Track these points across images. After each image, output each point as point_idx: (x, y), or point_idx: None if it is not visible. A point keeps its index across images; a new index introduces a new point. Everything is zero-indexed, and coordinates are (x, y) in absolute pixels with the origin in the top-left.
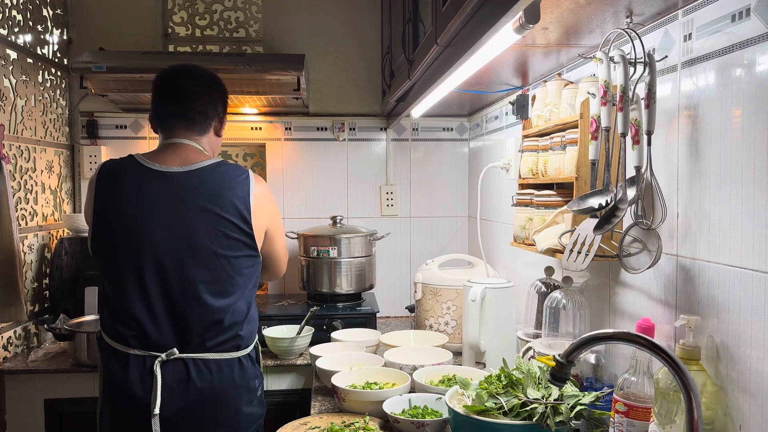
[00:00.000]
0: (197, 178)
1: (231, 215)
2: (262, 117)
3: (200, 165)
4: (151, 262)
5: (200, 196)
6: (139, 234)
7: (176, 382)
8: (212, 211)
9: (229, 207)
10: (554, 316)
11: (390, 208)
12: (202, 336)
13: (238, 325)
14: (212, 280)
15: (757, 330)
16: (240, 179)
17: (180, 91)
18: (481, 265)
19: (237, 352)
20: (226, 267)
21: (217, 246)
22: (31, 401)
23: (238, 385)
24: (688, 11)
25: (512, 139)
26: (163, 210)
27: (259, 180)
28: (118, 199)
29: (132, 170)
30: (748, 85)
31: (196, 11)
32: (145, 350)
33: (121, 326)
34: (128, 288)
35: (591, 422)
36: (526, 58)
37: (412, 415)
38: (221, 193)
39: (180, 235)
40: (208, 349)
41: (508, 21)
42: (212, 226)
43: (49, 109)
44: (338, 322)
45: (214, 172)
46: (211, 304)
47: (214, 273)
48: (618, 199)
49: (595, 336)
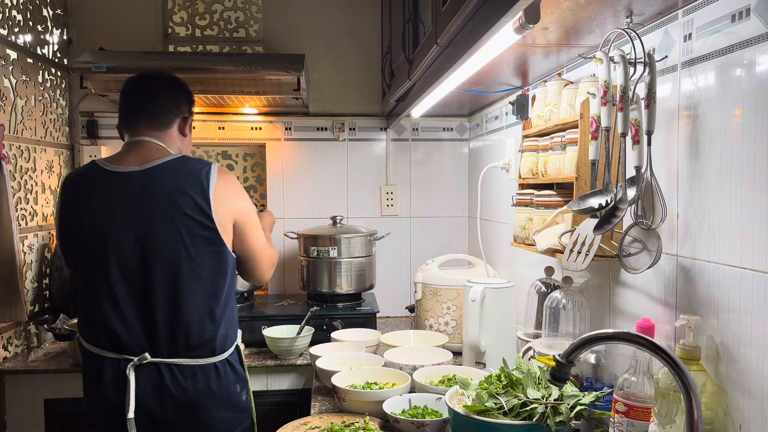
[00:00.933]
0: (155, 176)
1: (191, 211)
2: (262, 117)
3: (158, 162)
4: (117, 267)
5: (159, 194)
6: (103, 240)
7: (150, 387)
8: (172, 208)
9: (188, 203)
10: (554, 316)
11: (390, 208)
12: (172, 339)
13: (208, 327)
14: (178, 281)
15: (757, 330)
16: (201, 173)
17: (144, 89)
18: (481, 265)
19: (212, 358)
20: (192, 266)
21: (179, 245)
22: (31, 401)
23: (215, 393)
24: (688, 11)
25: (512, 139)
26: (124, 213)
27: (223, 172)
28: (81, 208)
29: (93, 176)
30: (748, 85)
31: (196, 11)
32: (118, 354)
33: (95, 331)
34: (98, 294)
35: (591, 422)
36: (526, 58)
37: (412, 415)
38: (180, 189)
39: (142, 237)
40: (181, 353)
41: (508, 21)
42: (173, 225)
43: (49, 109)
44: (338, 322)
45: (173, 168)
46: (178, 306)
47: (178, 273)
48: (618, 199)
49: (595, 336)
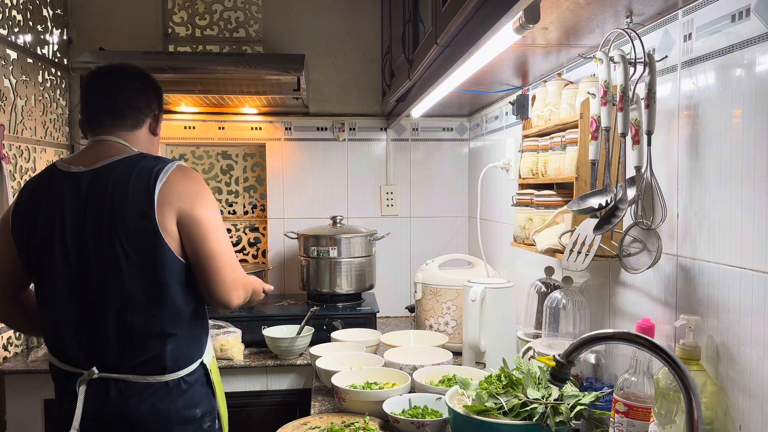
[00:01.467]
0: (102, 177)
1: (134, 213)
2: (262, 117)
3: (109, 161)
4: (64, 276)
5: (102, 196)
6: (50, 246)
7: (98, 404)
8: (115, 211)
9: (131, 204)
10: (554, 316)
11: (390, 208)
12: (120, 354)
13: (155, 342)
14: (121, 292)
15: (757, 330)
16: (153, 171)
17: (111, 86)
18: (481, 265)
19: (162, 376)
20: (135, 275)
21: (120, 252)
22: (31, 401)
23: (161, 414)
24: (688, 11)
25: (512, 139)
26: (68, 217)
27: (182, 171)
28: (32, 212)
29: (51, 178)
30: (748, 85)
31: (196, 11)
32: (72, 366)
33: (49, 341)
34: (48, 304)
35: (591, 422)
36: (526, 58)
37: (412, 415)
38: (124, 190)
39: (84, 244)
40: (128, 369)
41: (508, 21)
42: (115, 229)
43: (49, 109)
44: (338, 322)
45: (124, 167)
46: (122, 320)
47: (121, 284)
48: (618, 199)
49: (595, 336)
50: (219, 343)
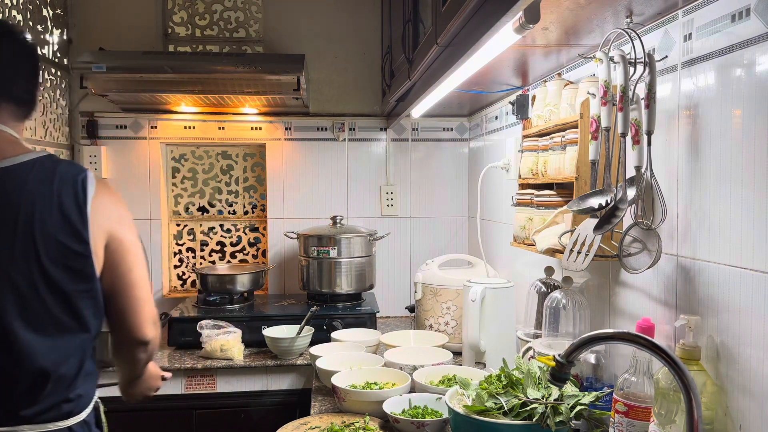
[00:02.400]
0: (14, 180)
1: (59, 231)
2: (262, 117)
3: (16, 161)
4: None
5: (16, 204)
6: None
7: None
8: (34, 225)
9: (56, 220)
10: (554, 316)
11: (390, 208)
12: (18, 400)
13: (70, 382)
14: (32, 324)
15: (757, 330)
16: (77, 179)
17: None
18: (481, 265)
19: (67, 420)
20: (50, 304)
21: (37, 275)
22: None
23: None
24: (688, 11)
25: (512, 139)
26: None
27: (103, 184)
28: None
29: None
30: (748, 85)
31: (196, 11)
32: None
33: None
34: None
35: (591, 422)
36: (526, 58)
37: (412, 415)
38: (51, 200)
39: None
40: (24, 419)
41: (508, 21)
42: (31, 248)
43: (49, 109)
44: (338, 322)
45: (38, 170)
46: (29, 356)
47: (34, 314)
48: (618, 199)
49: (595, 336)
50: (219, 343)
